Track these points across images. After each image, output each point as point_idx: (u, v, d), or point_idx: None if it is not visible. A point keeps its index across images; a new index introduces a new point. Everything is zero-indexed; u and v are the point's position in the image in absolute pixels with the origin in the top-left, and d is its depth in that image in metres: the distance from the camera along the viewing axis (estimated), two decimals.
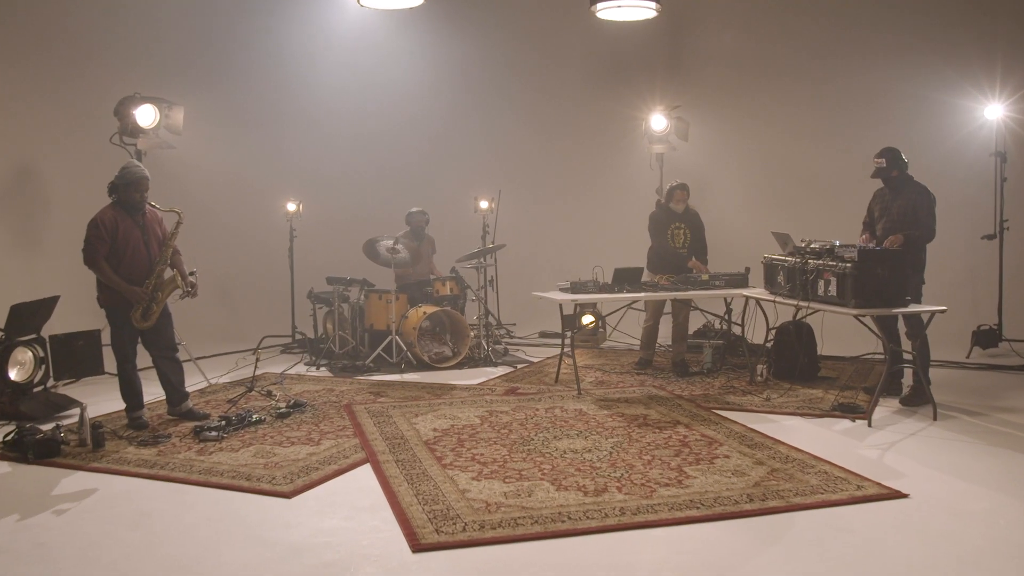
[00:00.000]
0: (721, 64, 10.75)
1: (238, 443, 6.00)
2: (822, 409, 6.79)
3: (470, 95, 11.55)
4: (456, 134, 11.53)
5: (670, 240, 8.39)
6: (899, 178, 7.06)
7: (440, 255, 10.00)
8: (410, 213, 9.66)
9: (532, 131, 11.49)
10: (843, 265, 6.53)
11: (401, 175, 11.42)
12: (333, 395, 7.55)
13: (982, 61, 9.23)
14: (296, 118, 11.26)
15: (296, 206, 9.92)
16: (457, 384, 7.98)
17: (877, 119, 9.84)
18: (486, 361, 8.98)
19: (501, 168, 11.23)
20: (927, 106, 9.51)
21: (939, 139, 9.47)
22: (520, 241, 9.38)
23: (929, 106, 9.50)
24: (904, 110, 9.68)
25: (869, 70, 9.91)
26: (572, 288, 7.74)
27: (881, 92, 9.83)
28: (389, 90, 11.41)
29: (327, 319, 9.64)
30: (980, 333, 9.00)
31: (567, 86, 11.38)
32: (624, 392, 7.52)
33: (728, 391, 7.51)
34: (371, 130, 11.40)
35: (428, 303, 9.17)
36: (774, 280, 7.49)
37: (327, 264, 9.95)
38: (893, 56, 9.85)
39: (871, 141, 9.83)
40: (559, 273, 11.11)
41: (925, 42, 9.63)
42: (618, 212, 11.16)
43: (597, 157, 11.28)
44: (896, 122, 9.66)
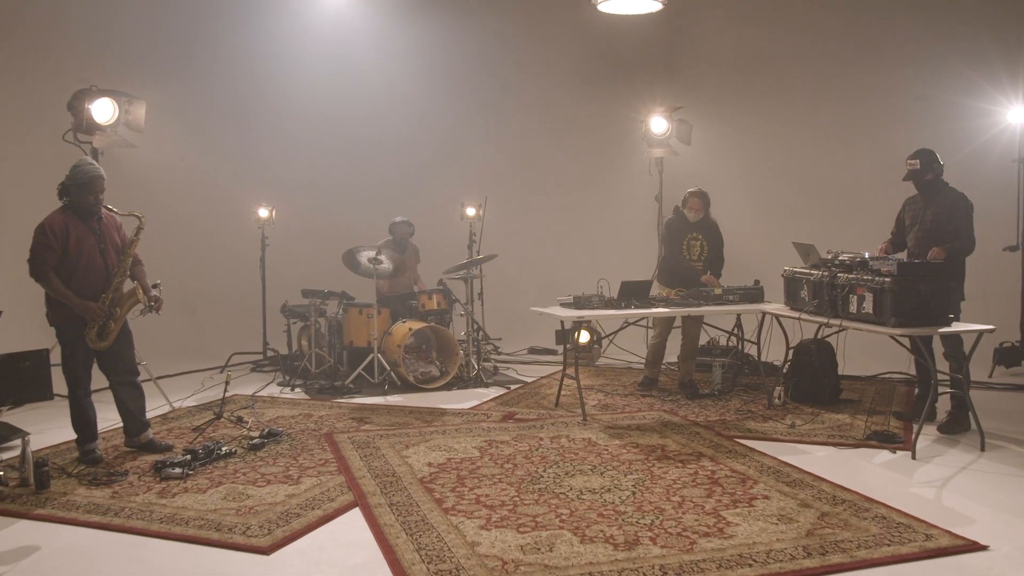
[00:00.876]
0: (725, 63, 10.12)
1: (206, 482, 5.24)
2: (855, 438, 6.16)
3: (457, 96, 10.85)
4: (442, 137, 10.83)
5: (685, 251, 7.73)
6: (933, 183, 6.48)
7: (424, 265, 9.29)
8: (394, 223, 8.94)
9: (522, 134, 10.81)
10: (881, 280, 5.92)
11: (383, 180, 10.71)
12: (311, 421, 6.80)
13: (1004, 61, 8.69)
14: (269, 118, 10.50)
15: (269, 212, 9.15)
16: (448, 408, 7.26)
17: (891, 122, 9.28)
18: (476, 381, 8.27)
19: (489, 173, 10.55)
20: (945, 109, 8.94)
21: (958, 144, 8.88)
22: (507, 251, 8.71)
23: (947, 109, 8.94)
24: (920, 113, 9.11)
25: (883, 71, 9.33)
26: (575, 303, 7.06)
27: (895, 94, 9.27)
28: (371, 91, 10.69)
29: (302, 335, 8.89)
30: (1002, 351, 8.45)
31: (560, 86, 10.70)
32: (633, 418, 6.85)
33: (746, 416, 6.87)
34: (351, 132, 10.68)
35: (413, 318, 8.45)
36: (796, 295, 6.88)
37: (302, 276, 9.22)
38: (909, 56, 9.29)
39: (885, 145, 9.35)
40: (548, 285, 10.50)
41: (943, 41, 9.07)
42: (613, 221, 10.53)
43: (592, 162, 10.62)
44: (912, 126, 9.09)
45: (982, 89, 8.75)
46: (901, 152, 9.39)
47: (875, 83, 9.33)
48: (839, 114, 9.57)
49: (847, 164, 9.50)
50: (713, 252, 7.85)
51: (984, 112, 8.78)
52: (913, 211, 6.61)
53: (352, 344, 8.42)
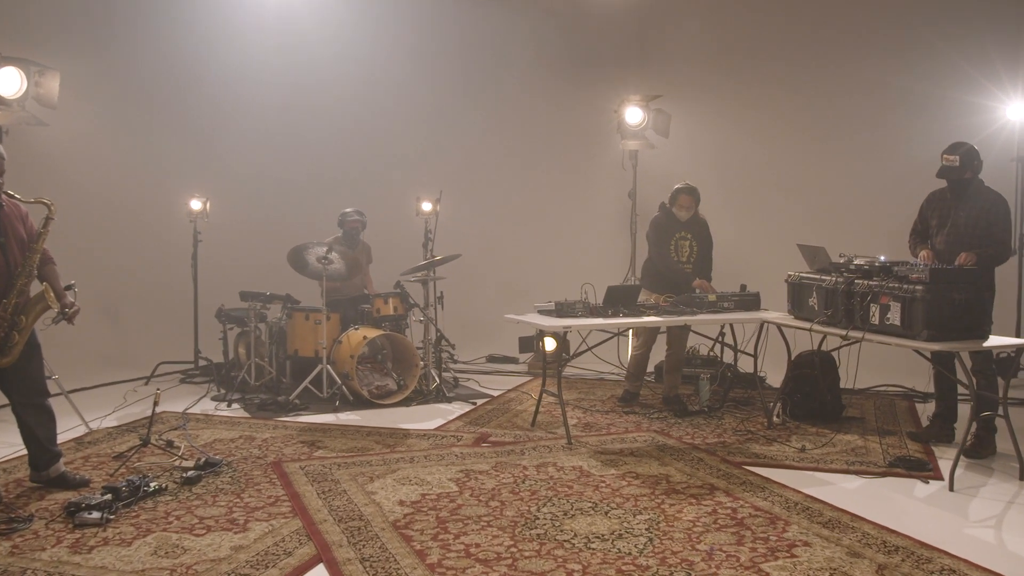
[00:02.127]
0: (708, 49, 9.38)
1: (130, 529, 4.29)
2: (877, 464, 5.49)
3: (413, 82, 9.92)
4: (396, 126, 9.92)
5: (673, 252, 6.99)
6: (970, 182, 5.84)
7: (374, 266, 8.39)
8: (344, 214, 8.03)
9: (483, 124, 9.94)
10: (910, 288, 5.25)
11: (331, 171, 9.77)
12: (254, 445, 5.87)
13: (1002, 55, 8.16)
14: (205, 98, 9.46)
15: (202, 204, 8.14)
16: (411, 429, 6.39)
17: (885, 118, 8.70)
18: (437, 396, 7.41)
19: (447, 166, 9.69)
20: (941, 104, 8.38)
21: (954, 140, 8.33)
22: (463, 250, 7.87)
23: (943, 104, 8.38)
24: (914, 108, 8.54)
25: (876, 64, 8.73)
26: (557, 311, 6.25)
27: (889, 88, 8.67)
28: (317, 74, 9.71)
29: (240, 343, 7.92)
30: (999, 361, 7.87)
31: (525, 72, 9.86)
32: (623, 440, 6.07)
33: (746, 437, 6.16)
34: (296, 119, 9.74)
35: (366, 324, 7.55)
36: (803, 303, 6.19)
37: (240, 276, 8.28)
38: (903, 48, 8.70)
39: (879, 142, 8.74)
40: (508, 287, 9.72)
41: (939, 34, 8.51)
42: (582, 219, 9.77)
43: (559, 155, 9.82)
44: (907, 121, 8.55)
45: (979, 84, 8.21)
46: (896, 149, 8.91)
47: (868, 77, 8.72)
48: (830, 108, 8.94)
49: (838, 161, 8.88)
50: (703, 254, 7.14)
51: (982, 108, 8.24)
52: (941, 210, 5.96)
53: (297, 353, 7.49)
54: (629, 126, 8.64)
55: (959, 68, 8.30)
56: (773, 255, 8.94)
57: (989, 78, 8.18)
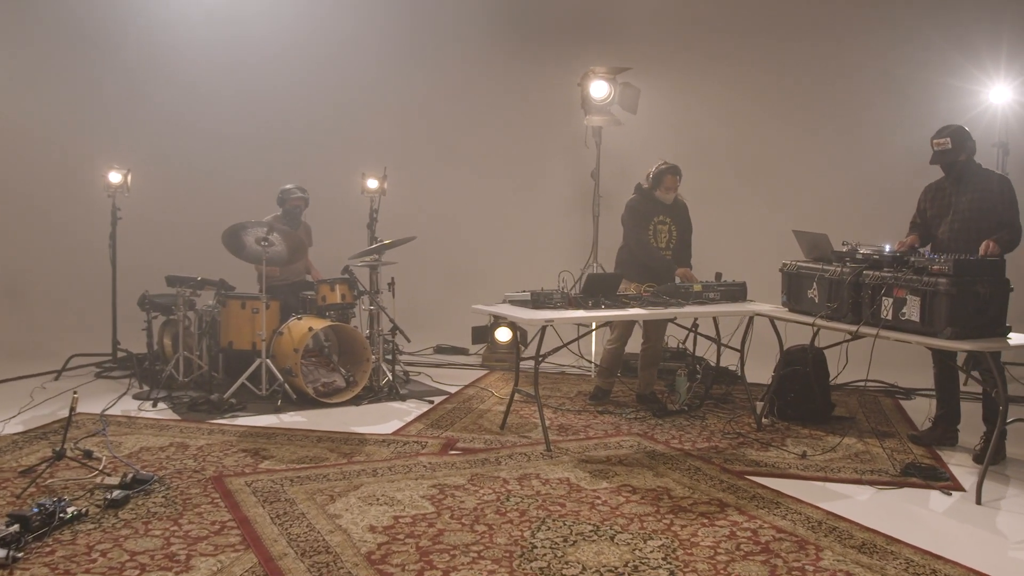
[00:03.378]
0: (682, 20, 8.81)
1: (43, 571, 3.51)
2: (888, 473, 5.02)
3: (357, 47, 9.14)
4: (340, 97, 9.13)
5: (651, 237, 6.41)
6: (966, 164, 5.38)
7: (314, 248, 7.59)
8: (285, 191, 7.24)
9: (432, 96, 9.21)
10: (932, 280, 4.75)
11: (268, 142, 8.97)
12: (189, 455, 5.09)
13: (985, 38, 7.80)
14: (124, 57, 8.58)
15: (122, 177, 7.25)
16: (367, 434, 5.68)
17: (865, 100, 8.35)
18: (390, 393, 6.71)
19: (394, 141, 8.93)
20: (923, 88, 8.01)
21: (935, 125, 7.91)
22: (410, 231, 7.17)
23: (925, 87, 8.00)
24: (895, 91, 8.18)
25: (856, 45, 8.32)
26: (533, 301, 5.60)
27: (869, 70, 8.27)
28: (254, 44, 8.92)
29: (166, 334, 7.07)
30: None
31: (481, 40, 9.14)
32: (606, 445, 5.48)
33: (738, 441, 5.63)
34: (229, 86, 8.93)
35: (310, 313, 6.80)
36: (800, 295, 5.66)
37: (167, 258, 7.42)
38: (884, 30, 8.30)
39: (859, 126, 8.30)
40: (458, 272, 9.07)
41: (919, 15, 8.14)
42: (540, 199, 9.17)
43: (516, 130, 9.14)
44: (886, 104, 8.17)
45: (961, 67, 7.83)
46: (877, 133, 8.47)
47: (848, 58, 8.31)
48: (809, 89, 8.48)
49: (816, 145, 8.45)
50: (682, 240, 6.57)
51: (963, 92, 7.87)
52: (940, 199, 5.50)
53: (232, 346, 6.69)
54: (594, 101, 7.99)
55: (940, 51, 7.93)
56: (747, 241, 8.50)
57: (971, 61, 7.81)
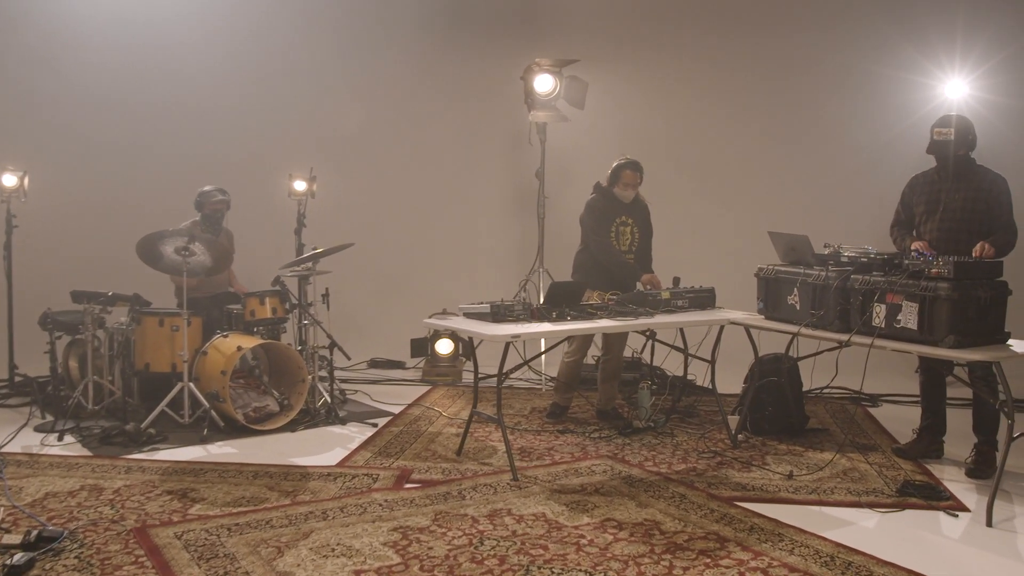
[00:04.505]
0: (631, 11, 8.39)
1: None
2: (885, 494, 4.66)
3: (277, 40, 8.47)
4: (263, 92, 8.44)
5: (613, 240, 5.95)
6: (964, 160, 5.05)
7: (236, 256, 6.90)
8: (204, 193, 6.55)
9: (362, 88, 8.57)
10: (931, 285, 4.40)
11: (183, 141, 8.17)
12: (104, 501, 4.40)
13: (940, 31, 7.58)
14: (18, 43, 7.68)
15: (18, 180, 6.43)
16: (309, 467, 5.05)
17: (819, 94, 8.07)
18: (329, 416, 6.08)
19: (321, 139, 8.30)
20: (877, 81, 7.77)
21: (891, 120, 7.76)
22: (340, 236, 6.58)
23: (879, 81, 7.77)
24: (850, 85, 7.93)
25: (810, 38, 8.02)
26: (493, 314, 5.06)
27: (824, 64, 7.98)
28: (167, 29, 8.14)
29: (71, 355, 6.30)
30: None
31: (415, 27, 8.55)
32: (577, 471, 4.98)
33: (717, 461, 5.21)
34: (140, 79, 8.11)
35: (237, 329, 6.13)
36: (779, 301, 5.28)
37: (72, 271, 6.65)
38: (838, 23, 8.00)
39: (814, 120, 7.98)
40: (392, 280, 8.48)
41: (874, 8, 7.88)
42: (480, 200, 8.63)
43: (454, 127, 8.57)
44: (842, 99, 7.93)
45: (916, 61, 7.61)
46: (833, 127, 8.11)
47: (803, 52, 8.00)
48: (763, 84, 8.14)
49: (770, 141, 8.12)
50: (644, 242, 6.14)
51: (919, 86, 7.65)
52: (931, 193, 5.16)
53: (148, 368, 5.96)
54: (538, 95, 7.52)
55: (894, 44, 7.72)
56: (701, 243, 8.13)
57: (925, 55, 7.59)
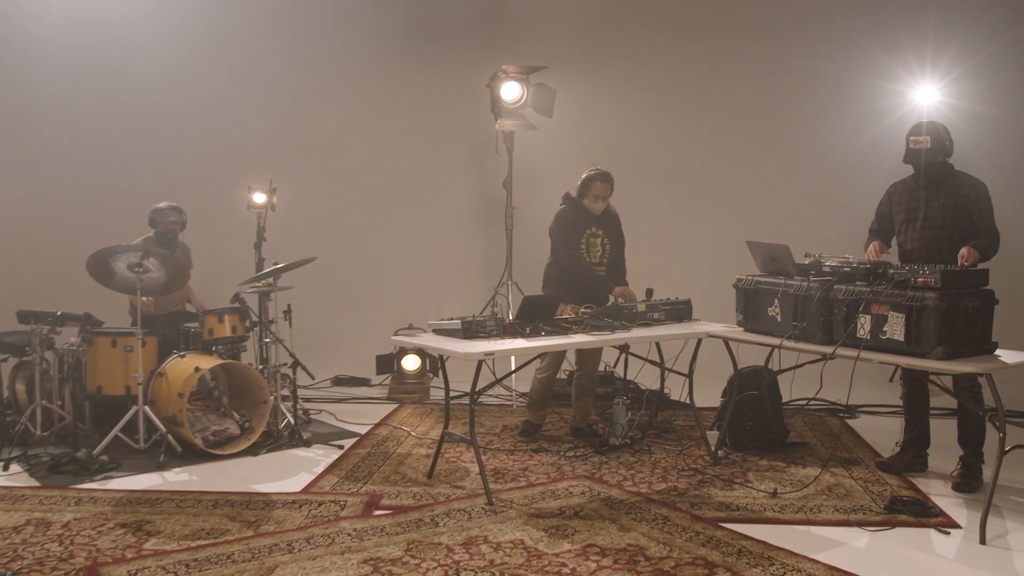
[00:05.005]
0: (599, 18, 8.23)
1: None
2: (873, 511, 4.50)
3: (237, 43, 8.21)
4: (218, 98, 8.17)
5: (584, 252, 5.76)
6: (943, 167, 4.94)
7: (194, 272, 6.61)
8: (158, 211, 6.26)
9: (324, 97, 8.36)
10: (918, 295, 4.27)
11: (137, 153, 7.88)
12: (51, 536, 4.12)
13: (910, 36, 7.50)
14: None
15: None
16: (272, 494, 4.79)
17: (788, 101, 7.95)
18: (292, 439, 5.81)
19: (281, 151, 8.05)
20: (848, 87, 7.70)
21: (861, 126, 7.67)
22: (301, 250, 6.33)
23: (849, 87, 7.69)
24: (819, 91, 7.84)
25: (779, 43, 7.90)
26: (465, 330, 4.85)
27: (793, 69, 7.86)
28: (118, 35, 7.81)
29: (18, 378, 5.97)
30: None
31: (378, 36, 8.33)
32: (554, 493, 4.77)
33: (698, 480, 5.03)
34: (84, 84, 7.83)
35: (195, 349, 5.86)
36: (759, 313, 5.12)
37: (18, 291, 6.34)
38: (806, 27, 7.91)
39: (783, 127, 7.89)
40: (357, 295, 8.24)
41: (843, 12, 7.80)
42: (446, 212, 8.42)
43: (419, 137, 8.36)
44: (811, 105, 7.85)
45: (887, 67, 7.53)
46: (804, 134, 7.99)
47: (772, 56, 7.89)
48: (733, 90, 8.02)
49: (743, 148, 8.01)
50: (615, 254, 5.96)
51: (889, 92, 7.57)
52: (909, 201, 5.05)
53: (101, 391, 5.67)
54: (505, 103, 7.33)
55: (865, 49, 7.63)
56: (674, 254, 7.99)
57: (897, 61, 7.52)
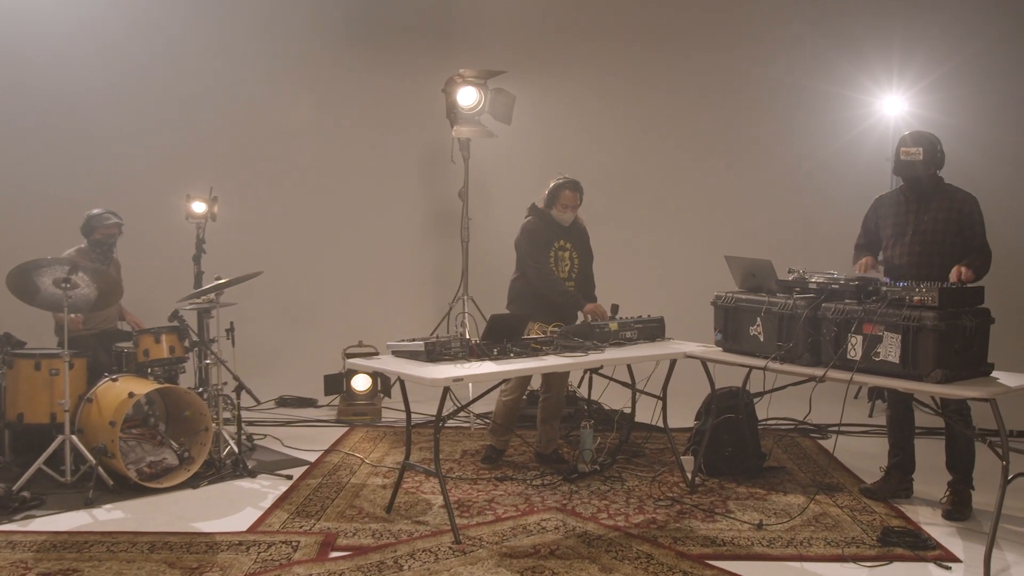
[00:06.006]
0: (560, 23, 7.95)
1: None
2: (867, 544, 4.24)
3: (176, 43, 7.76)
4: (156, 101, 7.71)
5: (552, 266, 5.42)
6: (933, 179, 4.72)
7: (129, 290, 6.13)
8: (93, 216, 5.80)
9: (270, 101, 7.95)
10: (915, 314, 4.02)
11: (64, 158, 7.38)
12: None
13: (877, 46, 7.41)
14: None
15: None
16: (216, 533, 4.34)
17: (754, 111, 7.76)
18: (236, 468, 5.35)
19: (226, 155, 7.62)
20: (814, 97, 7.56)
21: (827, 137, 7.53)
22: (242, 264, 5.90)
23: (815, 97, 7.55)
24: (785, 101, 7.71)
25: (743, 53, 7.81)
26: (428, 353, 4.47)
27: (757, 79, 7.72)
28: (38, 26, 7.28)
29: None
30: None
31: (326, 38, 7.94)
32: (526, 528, 4.41)
33: (676, 511, 4.72)
34: (8, 88, 7.23)
35: (129, 372, 5.38)
36: (740, 332, 4.83)
37: None
38: (770, 37, 7.79)
39: (749, 138, 7.75)
40: (304, 311, 7.80)
41: (807, 22, 7.65)
42: (397, 223, 8.03)
43: (371, 144, 8.01)
44: (777, 115, 7.68)
45: (854, 77, 7.41)
46: (769, 144, 7.87)
47: (735, 66, 7.73)
48: (697, 99, 7.87)
49: (703, 156, 7.82)
50: (584, 268, 5.63)
51: (855, 102, 7.44)
52: (896, 215, 4.82)
53: (22, 419, 5.17)
54: (461, 109, 6.99)
55: (830, 59, 7.53)
56: (637, 268, 7.73)
57: (863, 71, 7.38)
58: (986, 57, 7.24)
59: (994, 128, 7.14)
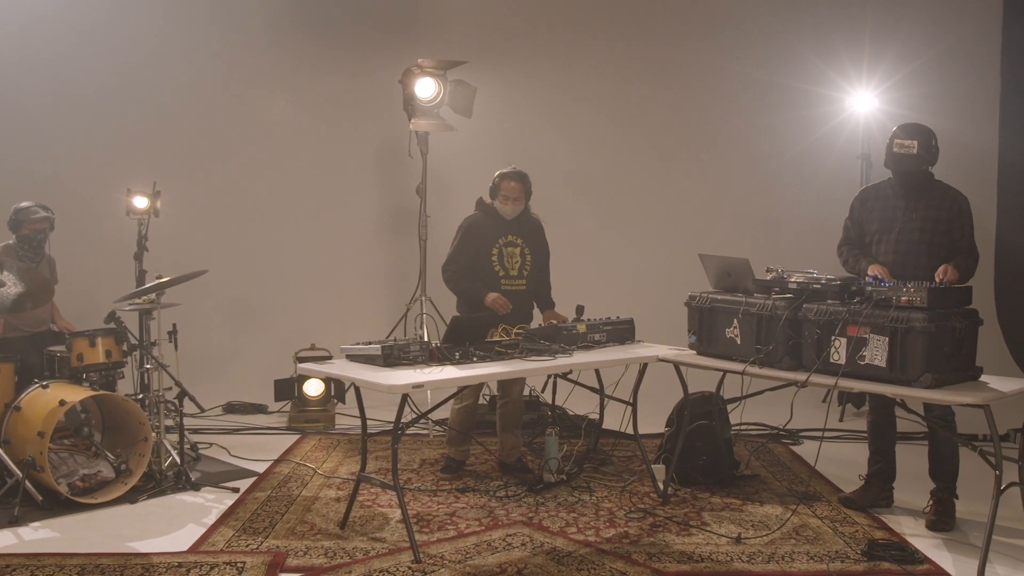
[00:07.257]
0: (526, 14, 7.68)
1: None
2: (852, 558, 4.01)
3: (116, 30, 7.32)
4: (94, 90, 7.28)
5: (496, 264, 5.11)
6: (924, 175, 4.50)
7: (61, 287, 5.73)
8: (21, 210, 5.40)
9: (216, 91, 7.56)
10: (903, 315, 3.81)
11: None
12: None
13: (847, 41, 7.25)
14: None
15: None
16: (153, 554, 3.99)
17: (721, 108, 7.57)
18: (179, 482, 4.99)
19: (169, 147, 7.23)
20: (782, 94, 7.38)
21: (796, 134, 7.34)
22: (185, 261, 5.55)
23: (784, 94, 7.38)
24: (753, 97, 7.52)
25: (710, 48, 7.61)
26: (386, 356, 4.15)
27: (725, 74, 7.52)
28: None
29: None
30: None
31: (274, 26, 7.58)
32: (491, 545, 4.12)
33: (648, 522, 4.46)
34: None
35: (62, 379, 4.99)
36: (716, 335, 4.58)
37: None
38: (739, 32, 7.59)
39: (716, 136, 7.56)
40: (249, 311, 7.44)
41: (776, 17, 7.46)
42: (354, 220, 7.73)
43: (322, 136, 7.66)
44: (744, 112, 7.48)
45: (823, 73, 7.23)
46: (736, 140, 7.67)
47: (703, 61, 7.53)
48: (661, 93, 7.64)
49: (668, 152, 7.59)
50: (538, 266, 5.32)
51: (825, 99, 7.27)
52: (885, 210, 4.60)
53: None
54: (419, 102, 6.67)
55: (799, 54, 7.35)
56: (600, 267, 7.49)
57: (831, 66, 7.21)
58: (958, 53, 7.12)
59: (965, 125, 6.99)
